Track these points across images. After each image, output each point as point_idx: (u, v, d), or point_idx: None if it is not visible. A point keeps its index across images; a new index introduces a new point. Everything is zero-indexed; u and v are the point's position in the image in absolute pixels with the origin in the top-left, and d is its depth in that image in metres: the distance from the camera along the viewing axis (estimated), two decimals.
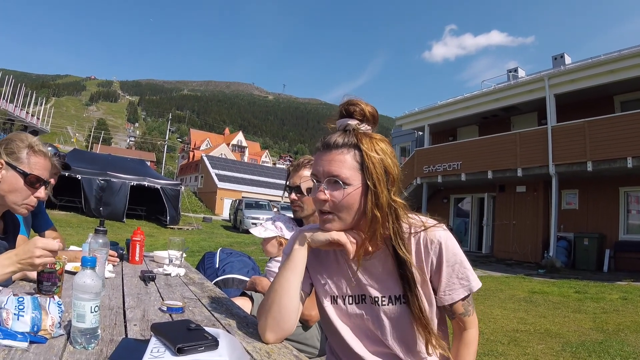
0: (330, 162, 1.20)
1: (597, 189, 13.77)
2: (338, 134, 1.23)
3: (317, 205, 1.24)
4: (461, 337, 1.33)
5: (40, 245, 1.33)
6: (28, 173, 1.61)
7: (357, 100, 1.25)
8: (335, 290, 1.34)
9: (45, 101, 48.63)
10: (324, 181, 1.21)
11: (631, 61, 11.92)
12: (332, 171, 1.19)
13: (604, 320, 5.97)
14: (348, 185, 1.18)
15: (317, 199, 1.22)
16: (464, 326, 1.32)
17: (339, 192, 1.19)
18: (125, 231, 14.25)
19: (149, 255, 3.15)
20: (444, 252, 1.24)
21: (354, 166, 1.19)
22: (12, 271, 1.36)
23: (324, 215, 1.24)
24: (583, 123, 12.65)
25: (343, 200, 1.19)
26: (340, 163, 1.19)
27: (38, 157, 1.64)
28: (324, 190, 1.21)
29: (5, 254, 1.37)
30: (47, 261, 1.37)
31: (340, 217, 1.22)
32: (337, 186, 1.19)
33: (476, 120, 18.03)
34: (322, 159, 1.22)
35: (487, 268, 12.63)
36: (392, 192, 1.21)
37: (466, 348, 1.33)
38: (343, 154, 1.20)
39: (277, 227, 2.19)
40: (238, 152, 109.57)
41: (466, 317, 1.31)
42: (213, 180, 45.72)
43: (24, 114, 34.43)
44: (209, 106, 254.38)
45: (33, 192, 1.65)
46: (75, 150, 25.63)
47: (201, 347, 0.97)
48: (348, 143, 1.20)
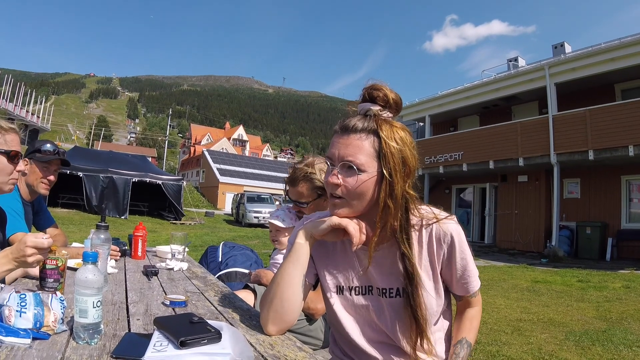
0: (347, 146, 1.17)
1: (598, 177, 13.75)
2: (358, 117, 1.20)
3: (329, 189, 1.22)
4: (465, 312, 1.36)
5: (30, 244, 1.33)
6: (9, 150, 1.68)
7: (382, 85, 1.21)
8: (342, 281, 1.33)
9: (45, 99, 48.69)
10: (338, 165, 1.18)
11: (632, 49, 11.85)
12: (348, 156, 1.16)
13: (607, 309, 5.97)
14: (363, 172, 1.16)
15: (329, 182, 1.19)
16: (469, 304, 1.35)
17: (353, 179, 1.16)
18: (128, 227, 14.27)
19: (151, 250, 3.16)
20: (456, 245, 1.24)
21: (370, 153, 1.16)
22: (10, 269, 1.37)
23: (335, 200, 1.22)
24: (584, 112, 12.60)
25: (356, 186, 1.17)
26: (357, 148, 1.16)
27: (11, 134, 1.70)
28: (337, 175, 1.18)
29: (2, 252, 1.38)
30: (39, 259, 1.37)
31: (351, 204, 1.20)
32: (351, 172, 1.16)
33: (477, 110, 17.97)
34: (338, 142, 1.19)
35: (489, 258, 12.64)
36: (408, 183, 1.19)
37: (469, 321, 1.34)
38: (361, 139, 1.17)
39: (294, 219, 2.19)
40: (239, 146, 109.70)
41: (472, 298, 1.34)
42: (215, 174, 45.74)
43: (24, 112, 34.43)
44: (209, 101, 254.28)
45: (15, 166, 1.72)
46: (76, 148, 25.64)
47: (204, 340, 0.97)
48: (367, 128, 1.17)
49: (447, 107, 18.00)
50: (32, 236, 1.36)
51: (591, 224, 13.05)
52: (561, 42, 17.91)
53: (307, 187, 2.39)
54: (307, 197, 2.38)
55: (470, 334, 1.33)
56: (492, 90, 16.16)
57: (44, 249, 1.36)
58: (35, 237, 1.36)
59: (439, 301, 1.27)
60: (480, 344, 4.23)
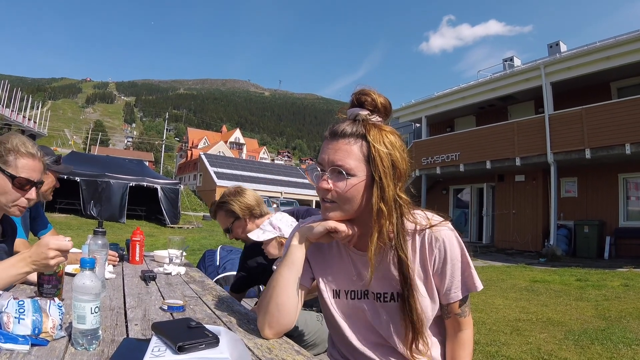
0: (335, 151, 1.18)
1: (596, 176, 13.78)
2: (347, 123, 1.21)
3: (320, 194, 1.23)
4: (456, 338, 1.32)
5: (53, 246, 1.33)
6: (15, 176, 1.59)
7: (370, 90, 1.22)
8: (338, 285, 1.34)
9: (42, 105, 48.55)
10: (328, 170, 1.19)
11: (627, 47, 11.89)
12: (337, 160, 1.17)
13: (606, 308, 5.98)
14: (352, 177, 1.17)
15: (320, 187, 1.20)
16: (459, 327, 1.31)
17: (343, 183, 1.17)
18: (125, 232, 14.24)
19: (149, 254, 3.16)
20: (448, 251, 1.24)
21: (359, 157, 1.17)
22: (27, 272, 1.37)
23: (326, 204, 1.23)
24: (580, 110, 12.64)
25: (346, 190, 1.18)
26: (346, 153, 1.17)
27: (26, 159, 1.62)
28: (327, 180, 1.19)
29: (19, 255, 1.38)
30: (61, 261, 1.37)
31: (342, 208, 1.21)
32: (341, 176, 1.18)
33: (473, 110, 18.01)
34: (328, 147, 1.21)
35: (488, 258, 12.65)
36: (399, 187, 1.20)
37: (462, 349, 1.31)
38: (350, 144, 1.18)
39: (275, 227, 2.19)
40: (236, 149, 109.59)
41: (462, 318, 1.30)
42: (212, 178, 45.64)
43: (21, 118, 34.27)
44: (205, 104, 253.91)
45: (23, 194, 1.63)
46: (73, 153, 25.65)
47: (202, 344, 0.97)
48: (356, 133, 1.18)
49: (443, 108, 18.02)
50: (54, 238, 1.36)
51: (589, 223, 13.08)
52: (556, 41, 17.96)
53: (223, 215, 2.59)
54: (226, 223, 2.60)
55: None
56: (488, 90, 16.19)
57: (66, 251, 1.36)
58: (57, 239, 1.36)
59: (434, 305, 1.27)
60: (479, 344, 4.23)
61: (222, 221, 2.64)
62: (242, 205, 2.55)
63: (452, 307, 1.29)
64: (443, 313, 1.32)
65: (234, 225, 2.57)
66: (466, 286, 1.27)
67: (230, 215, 2.57)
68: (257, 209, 2.57)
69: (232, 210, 2.54)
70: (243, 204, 2.55)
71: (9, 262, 1.37)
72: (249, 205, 2.56)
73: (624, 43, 12.08)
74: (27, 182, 1.62)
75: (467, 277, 1.27)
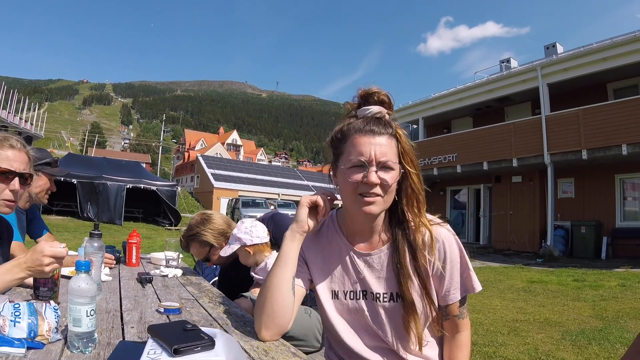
0: (380, 146, 1.21)
1: (592, 177, 13.80)
2: (379, 120, 1.26)
3: (365, 188, 1.21)
4: (454, 339, 1.33)
5: (48, 253, 1.32)
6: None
7: (380, 88, 1.29)
8: (336, 286, 1.35)
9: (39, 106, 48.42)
10: (375, 164, 1.20)
11: (623, 48, 11.94)
12: (383, 155, 1.21)
13: (603, 308, 6.00)
14: (394, 170, 1.21)
15: (369, 181, 1.19)
16: (457, 329, 1.33)
17: (389, 176, 1.21)
18: (123, 234, 14.20)
19: (145, 257, 3.15)
20: (447, 252, 1.26)
21: (395, 152, 1.24)
22: (22, 277, 1.35)
23: (370, 198, 1.21)
24: (577, 112, 12.67)
25: (391, 183, 1.21)
26: (389, 148, 1.22)
27: (5, 150, 1.58)
28: (376, 173, 1.21)
29: (14, 261, 1.37)
30: (56, 268, 1.36)
31: (385, 200, 1.24)
32: (386, 170, 1.21)
33: (470, 111, 18.04)
34: (371, 142, 1.22)
35: (485, 259, 12.67)
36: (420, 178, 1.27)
37: (460, 351, 1.32)
38: (389, 139, 1.23)
39: (235, 238, 2.19)
40: (233, 151, 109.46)
41: (460, 320, 1.32)
42: (209, 179, 45.57)
43: (18, 119, 34.17)
44: (202, 106, 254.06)
45: (5, 184, 1.57)
46: (70, 155, 25.52)
47: (197, 347, 0.97)
48: (389, 130, 1.24)
49: (440, 109, 18.06)
50: (48, 245, 1.35)
51: (586, 223, 13.09)
52: (553, 42, 18.00)
53: (197, 247, 2.60)
54: (203, 253, 2.59)
55: None
56: (485, 92, 16.23)
57: (61, 258, 1.36)
58: (51, 245, 1.35)
59: (433, 306, 1.28)
60: (477, 345, 4.23)
61: (197, 252, 2.60)
62: (215, 233, 2.53)
63: (450, 309, 1.30)
64: (441, 315, 1.33)
65: (211, 253, 2.55)
66: (465, 287, 1.30)
67: (205, 246, 2.54)
68: (228, 230, 2.55)
69: (206, 240, 2.52)
70: (215, 230, 2.53)
71: (5, 268, 1.36)
72: (221, 230, 2.54)
73: (620, 44, 12.13)
74: (8, 172, 1.57)
75: (466, 278, 1.30)
